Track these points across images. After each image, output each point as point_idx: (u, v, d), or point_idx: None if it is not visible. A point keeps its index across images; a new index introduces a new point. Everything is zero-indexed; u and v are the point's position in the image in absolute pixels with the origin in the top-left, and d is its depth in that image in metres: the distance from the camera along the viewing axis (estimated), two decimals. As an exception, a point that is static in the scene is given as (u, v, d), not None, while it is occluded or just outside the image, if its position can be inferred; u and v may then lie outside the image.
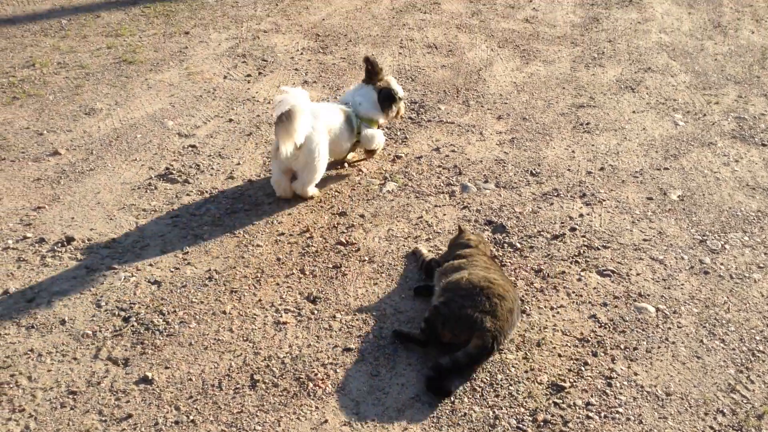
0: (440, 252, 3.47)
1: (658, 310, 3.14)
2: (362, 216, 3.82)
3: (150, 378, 2.76)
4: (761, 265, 3.43)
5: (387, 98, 4.20)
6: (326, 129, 3.84)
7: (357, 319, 3.09)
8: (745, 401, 2.70)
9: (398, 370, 2.82)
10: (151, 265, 3.41)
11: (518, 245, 3.57)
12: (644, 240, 3.61)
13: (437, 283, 3.09)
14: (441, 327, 2.84)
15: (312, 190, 3.95)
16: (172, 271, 3.37)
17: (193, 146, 4.44)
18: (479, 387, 2.74)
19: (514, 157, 4.38)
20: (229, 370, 2.82)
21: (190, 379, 2.77)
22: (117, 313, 3.11)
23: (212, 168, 4.22)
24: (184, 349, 2.92)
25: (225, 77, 5.40)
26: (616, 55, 5.83)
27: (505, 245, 3.58)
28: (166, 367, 2.83)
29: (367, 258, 3.49)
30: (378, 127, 4.29)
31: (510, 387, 2.75)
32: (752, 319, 3.09)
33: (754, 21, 6.56)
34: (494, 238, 3.63)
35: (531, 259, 3.48)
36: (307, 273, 3.38)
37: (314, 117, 3.75)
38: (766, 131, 4.64)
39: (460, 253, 3.18)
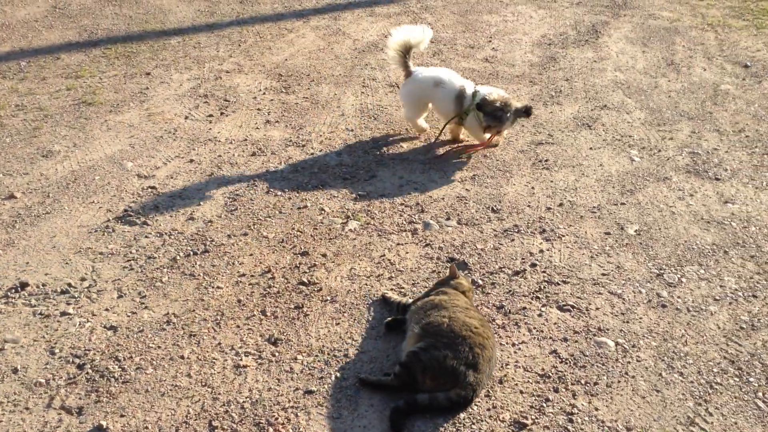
0: (414, 293, 3.47)
1: (617, 344, 3.17)
2: (324, 255, 3.81)
3: (104, 427, 2.69)
4: (717, 298, 3.49)
5: (482, 109, 4.68)
6: (420, 86, 4.88)
7: (319, 361, 3.06)
8: (704, 434, 2.72)
9: (360, 411, 2.79)
10: (107, 309, 3.35)
11: (480, 282, 3.59)
12: (603, 274, 3.65)
13: (412, 320, 3.06)
14: (421, 374, 2.78)
15: (409, 119, 5.15)
16: (128, 316, 3.31)
17: (153, 187, 4.40)
18: (442, 427, 2.72)
19: (476, 194, 4.42)
20: (186, 416, 2.76)
21: (146, 428, 2.70)
22: (71, 360, 3.04)
23: (172, 209, 4.19)
24: (140, 396, 2.85)
25: (186, 117, 5.39)
26: (573, 93, 5.96)
27: (467, 282, 3.59)
28: (122, 415, 2.76)
29: (329, 298, 3.47)
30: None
31: (473, 426, 2.73)
32: (710, 352, 3.13)
33: (705, 59, 6.77)
34: (456, 276, 3.64)
35: (493, 296, 3.49)
36: (269, 314, 3.35)
37: (424, 76, 4.89)
38: (719, 165, 4.76)
39: (443, 290, 3.17)
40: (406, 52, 4.93)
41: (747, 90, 6.03)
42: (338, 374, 2.98)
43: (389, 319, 3.23)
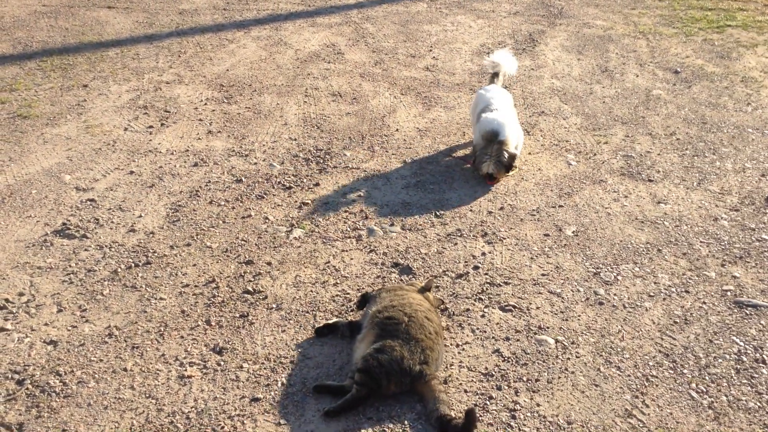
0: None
1: (557, 341, 3.25)
2: (269, 263, 3.80)
3: (45, 443, 2.64)
4: (651, 294, 3.61)
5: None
6: (474, 101, 5.16)
7: (265, 368, 3.06)
8: (641, 425, 2.81)
9: (307, 417, 2.80)
10: (46, 324, 3.28)
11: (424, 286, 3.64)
12: (542, 275, 3.75)
13: (369, 315, 3.12)
14: (386, 379, 2.81)
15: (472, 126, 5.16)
16: (69, 330, 3.24)
17: (92, 200, 4.33)
18: (389, 428, 2.75)
19: (419, 199, 4.49)
20: (130, 429, 2.72)
21: (89, 441, 2.66)
22: (10, 376, 2.96)
23: (112, 221, 4.12)
24: (83, 410, 2.80)
25: (125, 129, 5.32)
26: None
27: (412, 286, 3.63)
28: (64, 430, 2.71)
29: (274, 305, 3.47)
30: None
31: (418, 426, 2.77)
32: (645, 346, 3.25)
33: (638, 65, 7.02)
34: (401, 280, 3.68)
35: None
36: (213, 324, 3.32)
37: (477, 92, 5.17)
38: (651, 168, 4.93)
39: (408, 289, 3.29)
40: (495, 73, 5.37)
41: (677, 95, 6.27)
42: (285, 381, 2.98)
43: (320, 325, 3.26)
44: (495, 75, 5.36)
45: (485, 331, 3.31)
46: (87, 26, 7.68)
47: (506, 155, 4.58)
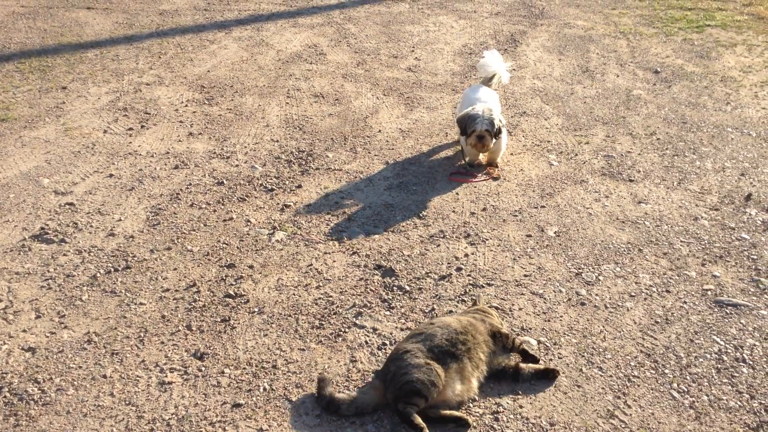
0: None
1: (539, 342, 3.26)
2: (251, 267, 3.78)
3: (22, 452, 2.60)
4: (632, 294, 3.63)
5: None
6: (461, 100, 5.20)
7: (247, 373, 3.03)
8: (623, 426, 2.82)
9: (289, 422, 2.78)
10: (24, 331, 3.24)
11: (407, 288, 3.63)
12: (525, 276, 3.75)
13: None
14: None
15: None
16: (47, 336, 3.20)
17: (71, 204, 4.28)
18: (371, 433, 2.75)
19: (402, 201, 4.48)
20: (110, 436, 2.69)
21: (68, 450, 2.63)
22: (-13, 385, 2.93)
23: (91, 226, 4.08)
24: (62, 418, 2.77)
25: (105, 131, 5.26)
26: (495, 100, 6.10)
27: (395, 288, 3.62)
28: (41, 439, 2.67)
29: (256, 309, 3.45)
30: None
31: (401, 430, 2.76)
32: (627, 346, 3.26)
33: (618, 65, 7.05)
34: (384, 282, 3.67)
35: (420, 301, 3.54)
36: (194, 329, 3.30)
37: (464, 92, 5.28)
38: (632, 168, 4.96)
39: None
40: (489, 77, 5.31)
41: (658, 95, 6.31)
42: (267, 386, 2.96)
43: None
44: (489, 78, 5.29)
45: (468, 333, 3.31)
46: (66, 27, 7.60)
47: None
